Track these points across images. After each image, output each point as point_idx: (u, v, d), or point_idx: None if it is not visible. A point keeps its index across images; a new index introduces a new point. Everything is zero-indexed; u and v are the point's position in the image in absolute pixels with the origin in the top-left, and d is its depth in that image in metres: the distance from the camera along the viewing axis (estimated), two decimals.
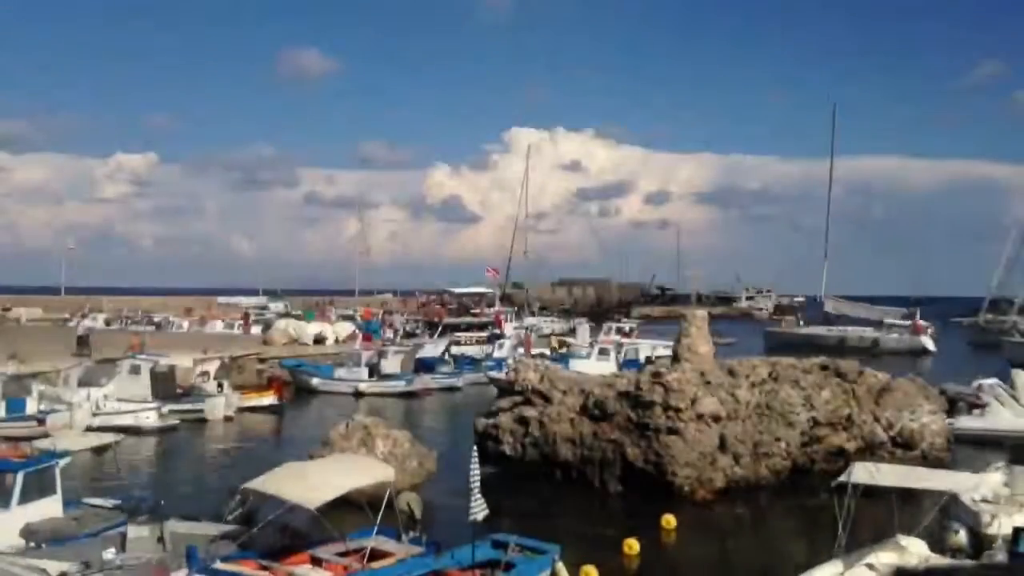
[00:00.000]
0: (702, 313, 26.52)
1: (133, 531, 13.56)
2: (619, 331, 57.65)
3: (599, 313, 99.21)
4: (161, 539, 13.46)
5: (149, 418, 29.81)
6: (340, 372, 41.79)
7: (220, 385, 33.94)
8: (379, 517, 12.89)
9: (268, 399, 35.00)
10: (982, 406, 29.21)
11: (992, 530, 13.55)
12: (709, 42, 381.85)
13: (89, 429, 26.60)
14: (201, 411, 32.10)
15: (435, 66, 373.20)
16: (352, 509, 13.75)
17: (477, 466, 12.96)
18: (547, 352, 49.45)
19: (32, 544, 13.15)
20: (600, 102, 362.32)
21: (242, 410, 33.65)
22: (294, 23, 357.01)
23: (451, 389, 42.22)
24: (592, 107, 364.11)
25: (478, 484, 12.76)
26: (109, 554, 12.77)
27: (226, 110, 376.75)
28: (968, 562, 12.68)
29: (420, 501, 16.58)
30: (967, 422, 27.97)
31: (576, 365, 38.69)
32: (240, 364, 40.67)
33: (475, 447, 14.59)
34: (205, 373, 35.09)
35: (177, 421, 30.63)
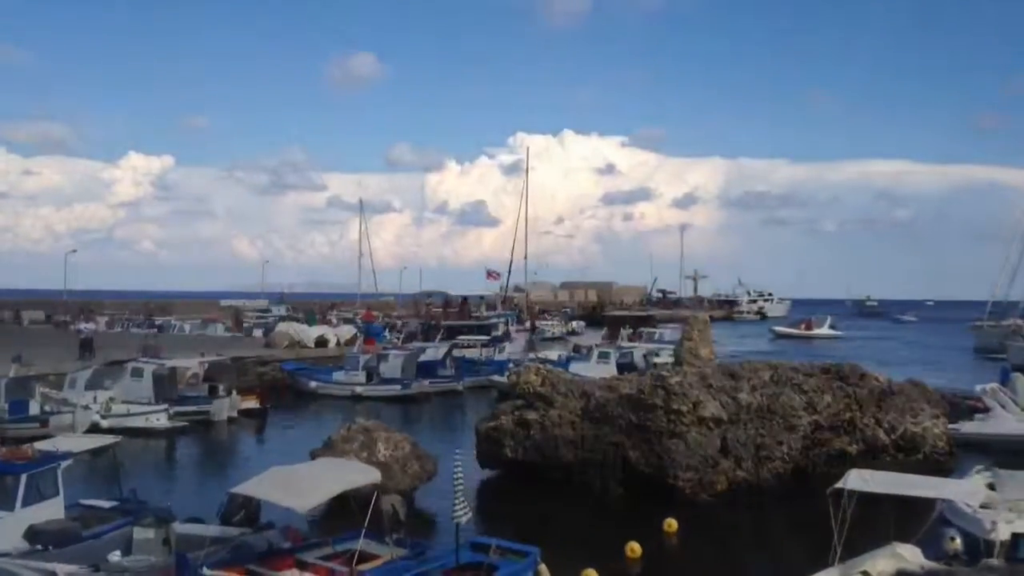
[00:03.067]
0: (704, 317, 26.54)
1: (139, 533, 13.49)
2: (648, 336, 56.95)
3: (598, 316, 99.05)
4: (167, 541, 13.37)
5: (159, 420, 29.99)
6: (338, 375, 41.68)
7: (213, 388, 33.83)
8: (367, 520, 12.81)
9: (251, 403, 34.69)
10: (985, 410, 29.12)
11: (993, 536, 13.49)
12: (711, 44, 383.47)
13: (99, 430, 26.79)
14: (207, 413, 32.20)
15: (467, 71, 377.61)
16: (343, 512, 13.68)
17: (460, 469, 12.88)
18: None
19: (39, 546, 13.09)
20: (608, 107, 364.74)
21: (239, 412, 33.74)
22: (347, 27, 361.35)
23: (451, 392, 42.10)
24: (600, 112, 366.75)
25: (462, 487, 12.69)
26: (115, 556, 12.72)
27: (261, 115, 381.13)
28: (965, 569, 12.59)
29: (404, 503, 16.51)
30: (970, 426, 27.88)
31: (576, 368, 38.70)
32: (240, 367, 40.65)
33: (457, 450, 14.57)
34: (195, 375, 35.06)
35: (186, 423, 30.79)
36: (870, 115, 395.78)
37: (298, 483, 12.82)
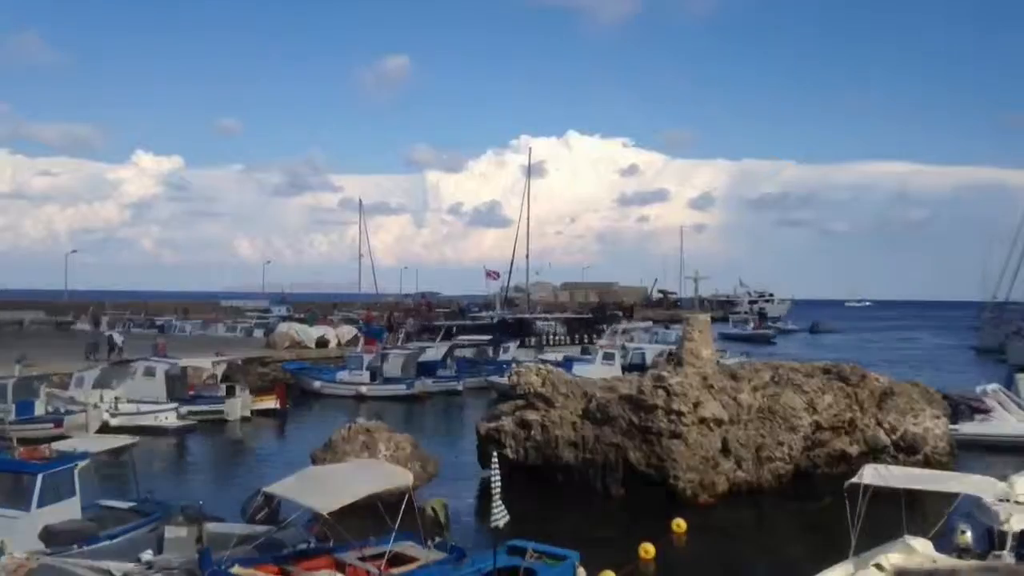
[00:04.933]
0: (704, 317, 26.51)
1: (171, 532, 13.48)
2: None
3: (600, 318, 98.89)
4: (200, 540, 13.30)
5: (168, 419, 30.17)
6: (342, 375, 41.76)
7: (231, 387, 34.06)
8: (398, 522, 12.69)
9: (270, 403, 35.06)
10: (986, 411, 29.08)
11: (1005, 529, 13.53)
12: (714, 44, 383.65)
13: (108, 429, 26.88)
14: (221, 412, 32.48)
15: (485, 75, 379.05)
16: (373, 512, 13.55)
17: (498, 472, 12.79)
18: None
19: (73, 546, 13.06)
20: (611, 109, 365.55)
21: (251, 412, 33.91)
22: (369, 31, 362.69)
23: (452, 393, 42.15)
24: (604, 114, 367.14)
25: (499, 490, 12.57)
26: (147, 555, 12.69)
27: (282, 118, 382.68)
28: (976, 562, 12.67)
29: (446, 507, 16.31)
30: (971, 427, 27.86)
31: (580, 369, 38.66)
32: (246, 367, 40.82)
33: (495, 453, 14.45)
34: (213, 375, 35.30)
35: (195, 422, 30.96)
36: (877, 117, 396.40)
37: (328, 484, 12.80)
